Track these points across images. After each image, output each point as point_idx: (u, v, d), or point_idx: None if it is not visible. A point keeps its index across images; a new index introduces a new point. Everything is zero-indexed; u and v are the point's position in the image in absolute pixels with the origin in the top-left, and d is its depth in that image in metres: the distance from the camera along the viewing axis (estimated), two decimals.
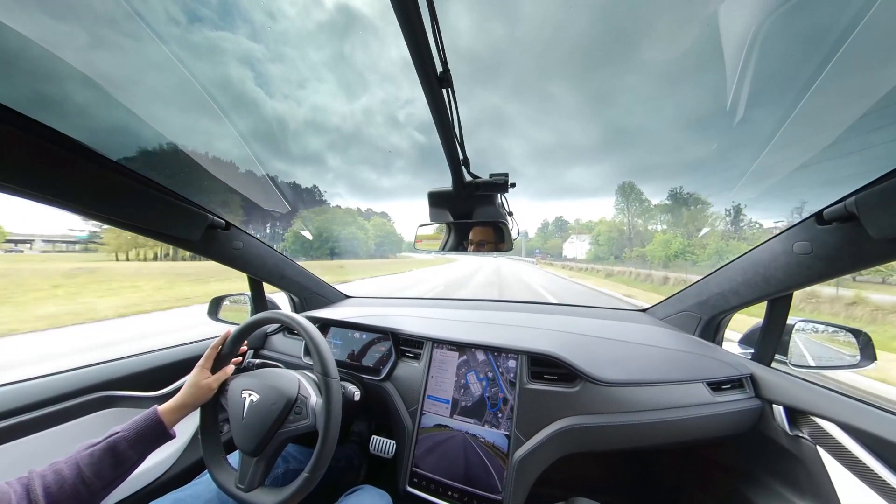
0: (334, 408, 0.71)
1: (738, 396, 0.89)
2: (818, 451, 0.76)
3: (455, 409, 0.94)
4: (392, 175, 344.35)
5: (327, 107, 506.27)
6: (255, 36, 62.50)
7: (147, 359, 1.10)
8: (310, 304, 1.54)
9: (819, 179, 0.77)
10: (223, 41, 6.26)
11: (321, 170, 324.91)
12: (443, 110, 0.54)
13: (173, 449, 1.01)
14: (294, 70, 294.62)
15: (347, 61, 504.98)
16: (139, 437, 0.66)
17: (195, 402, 0.78)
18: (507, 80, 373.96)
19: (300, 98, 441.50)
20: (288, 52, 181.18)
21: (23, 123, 0.58)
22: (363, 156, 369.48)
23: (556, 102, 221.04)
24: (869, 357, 0.83)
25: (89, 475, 0.58)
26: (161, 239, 0.96)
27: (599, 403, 0.86)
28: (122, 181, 0.76)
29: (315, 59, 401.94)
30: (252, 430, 0.74)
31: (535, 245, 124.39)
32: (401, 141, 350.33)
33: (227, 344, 0.86)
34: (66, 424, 0.86)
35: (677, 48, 72.42)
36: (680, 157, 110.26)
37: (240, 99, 9.35)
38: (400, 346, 1.11)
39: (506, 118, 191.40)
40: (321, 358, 0.76)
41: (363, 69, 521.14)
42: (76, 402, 0.89)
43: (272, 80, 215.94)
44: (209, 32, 1.86)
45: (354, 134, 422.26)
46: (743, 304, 0.97)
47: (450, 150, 0.63)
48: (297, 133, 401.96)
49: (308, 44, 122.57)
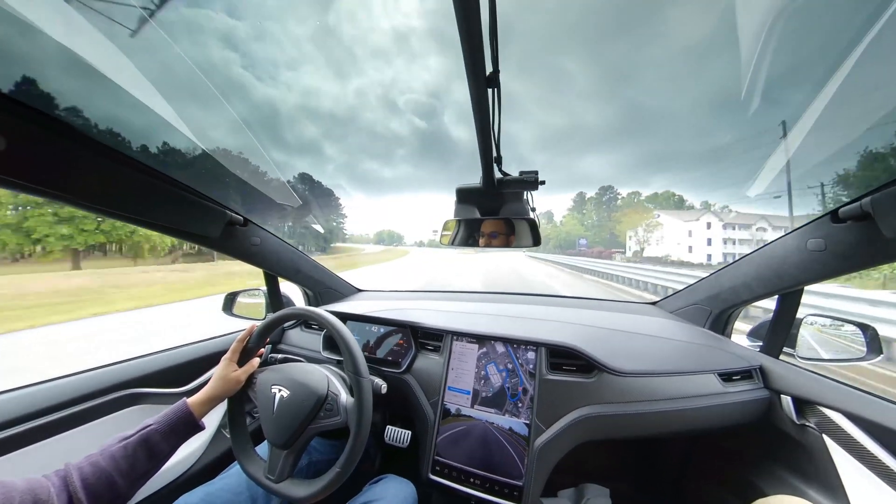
0: (366, 406, 0.74)
1: (748, 387, 0.93)
2: (824, 439, 0.80)
3: (476, 399, 0.97)
4: (394, 165, 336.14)
5: (319, 89, 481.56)
6: (234, 12, 59.20)
7: (171, 355, 1.12)
8: (324, 298, 1.56)
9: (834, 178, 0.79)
10: (204, 19, 5.92)
11: (320, 160, 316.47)
12: (485, 109, 0.54)
13: (199, 442, 1.04)
14: (279, 48, 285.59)
15: (334, 35, 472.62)
16: (171, 429, 0.68)
17: (223, 394, 0.80)
18: (513, 51, 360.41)
19: (290, 81, 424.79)
20: (270, 28, 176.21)
21: (40, 120, 0.58)
22: (361, 144, 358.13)
23: (568, 80, 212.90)
24: (875, 350, 0.86)
25: (125, 467, 0.60)
26: (180, 237, 0.97)
27: (615, 393, 0.89)
28: (142, 179, 0.76)
29: (299, 33, 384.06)
30: (283, 425, 0.76)
31: (575, 233, 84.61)
32: (400, 127, 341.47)
33: (254, 337, 0.88)
34: (95, 422, 0.88)
35: (707, 10, 58.93)
36: (707, 142, 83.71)
37: (229, 84, 9.01)
38: (419, 339, 1.13)
39: (512, 99, 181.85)
40: (352, 357, 0.78)
41: (352, 43, 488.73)
42: (104, 399, 0.90)
43: (258, 62, 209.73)
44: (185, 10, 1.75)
45: (350, 119, 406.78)
46: (754, 298, 1.00)
47: (485, 147, 0.65)
48: (292, 119, 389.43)
49: (289, 16, 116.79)
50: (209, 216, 0.95)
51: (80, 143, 0.63)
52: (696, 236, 44.34)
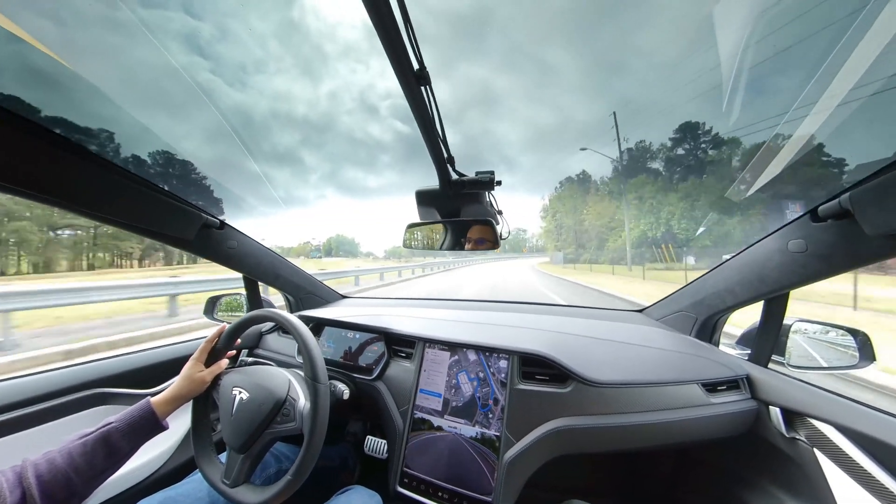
0: (321, 413, 0.71)
1: (734, 398, 0.88)
2: (815, 453, 0.75)
3: (446, 408, 0.93)
4: (379, 172, 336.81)
5: (290, 93, 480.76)
6: (190, 9, 58.79)
7: (141, 357, 1.11)
8: (305, 303, 1.54)
9: (812, 176, 0.76)
10: (165, 20, 5.93)
11: (301, 170, 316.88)
12: (423, 108, 0.53)
13: (165, 447, 1.02)
14: (244, 49, 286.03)
15: (300, 31, 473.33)
16: (132, 428, 0.66)
17: (188, 394, 0.79)
18: (497, 44, 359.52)
19: (260, 84, 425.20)
20: (232, 27, 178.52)
21: (14, 121, 0.58)
22: (344, 152, 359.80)
23: (555, 73, 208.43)
24: (867, 357, 0.81)
25: (82, 464, 0.59)
26: (157, 238, 0.97)
27: (591, 404, 0.85)
28: (117, 180, 0.76)
29: (263, 30, 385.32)
30: (240, 428, 0.75)
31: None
32: (382, 133, 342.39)
33: (223, 339, 0.87)
34: (60, 420, 0.87)
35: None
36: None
37: (196, 91, 8.87)
38: (392, 346, 1.11)
39: (497, 96, 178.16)
40: (311, 360, 0.76)
41: (320, 39, 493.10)
42: (70, 398, 0.90)
43: (226, 65, 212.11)
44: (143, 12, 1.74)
45: (327, 125, 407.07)
46: (739, 303, 0.95)
47: (433, 148, 0.63)
48: (266, 127, 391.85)
49: (250, 12, 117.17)
50: (184, 218, 0.95)
51: (53, 143, 0.64)
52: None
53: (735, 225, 22.65)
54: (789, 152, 0.89)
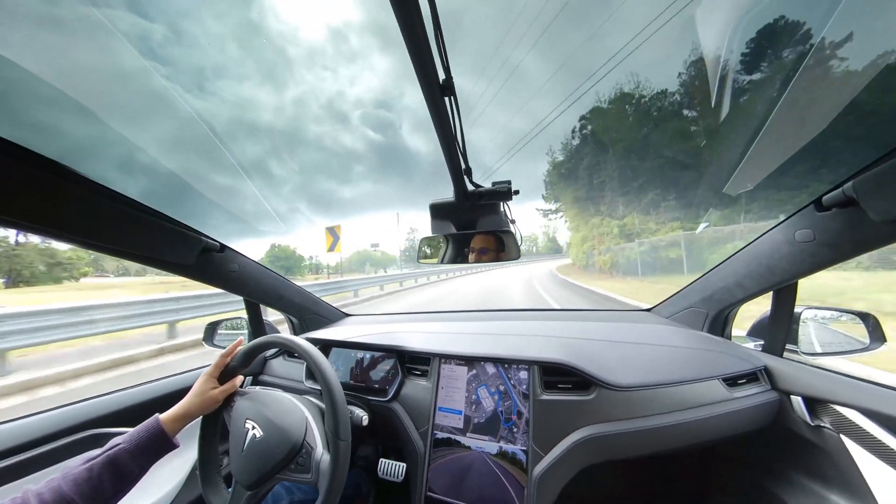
0: (340, 472, 0.67)
1: (755, 390, 0.88)
2: (842, 439, 0.75)
3: (468, 426, 0.90)
4: (354, 183, 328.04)
5: (254, 100, 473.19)
6: (137, 8, 56.96)
7: (133, 393, 1.05)
8: (309, 325, 1.49)
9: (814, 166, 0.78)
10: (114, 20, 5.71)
11: (271, 182, 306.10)
12: (445, 119, 0.53)
13: (171, 486, 0.95)
14: (202, 53, 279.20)
15: (259, 31, 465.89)
16: (140, 448, 0.62)
17: (199, 411, 0.74)
18: (466, 48, 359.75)
19: (220, 90, 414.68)
20: (186, 28, 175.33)
21: (7, 149, 0.54)
22: (315, 162, 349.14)
23: (526, 78, 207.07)
24: (878, 339, 0.83)
25: (88, 491, 0.55)
26: (154, 265, 0.92)
27: (616, 409, 0.83)
28: (111, 205, 0.71)
29: (218, 31, 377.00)
30: (250, 466, 0.71)
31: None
32: (354, 142, 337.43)
33: (239, 357, 0.82)
34: (54, 467, 0.80)
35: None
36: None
37: (155, 98, 8.31)
38: (406, 364, 1.07)
39: (469, 103, 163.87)
40: (335, 414, 0.71)
41: (283, 42, 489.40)
42: (63, 442, 0.84)
43: (183, 70, 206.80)
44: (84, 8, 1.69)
45: (294, 133, 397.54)
46: (748, 296, 0.97)
47: (452, 159, 0.62)
48: (231, 136, 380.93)
49: (205, 12, 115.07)
50: (182, 243, 0.91)
51: (40, 167, 0.59)
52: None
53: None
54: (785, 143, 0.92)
